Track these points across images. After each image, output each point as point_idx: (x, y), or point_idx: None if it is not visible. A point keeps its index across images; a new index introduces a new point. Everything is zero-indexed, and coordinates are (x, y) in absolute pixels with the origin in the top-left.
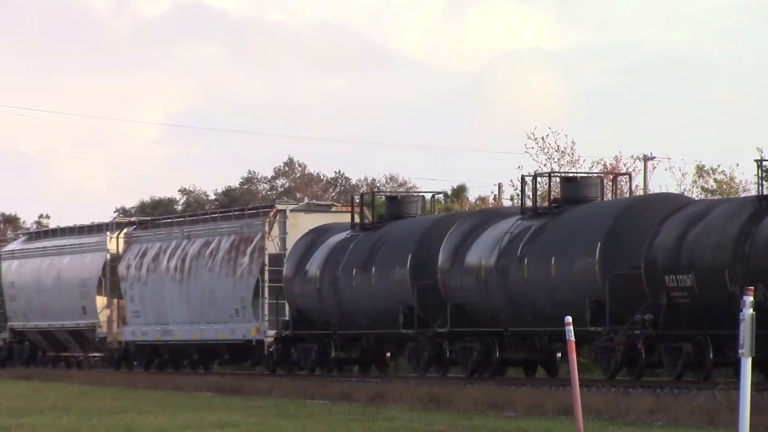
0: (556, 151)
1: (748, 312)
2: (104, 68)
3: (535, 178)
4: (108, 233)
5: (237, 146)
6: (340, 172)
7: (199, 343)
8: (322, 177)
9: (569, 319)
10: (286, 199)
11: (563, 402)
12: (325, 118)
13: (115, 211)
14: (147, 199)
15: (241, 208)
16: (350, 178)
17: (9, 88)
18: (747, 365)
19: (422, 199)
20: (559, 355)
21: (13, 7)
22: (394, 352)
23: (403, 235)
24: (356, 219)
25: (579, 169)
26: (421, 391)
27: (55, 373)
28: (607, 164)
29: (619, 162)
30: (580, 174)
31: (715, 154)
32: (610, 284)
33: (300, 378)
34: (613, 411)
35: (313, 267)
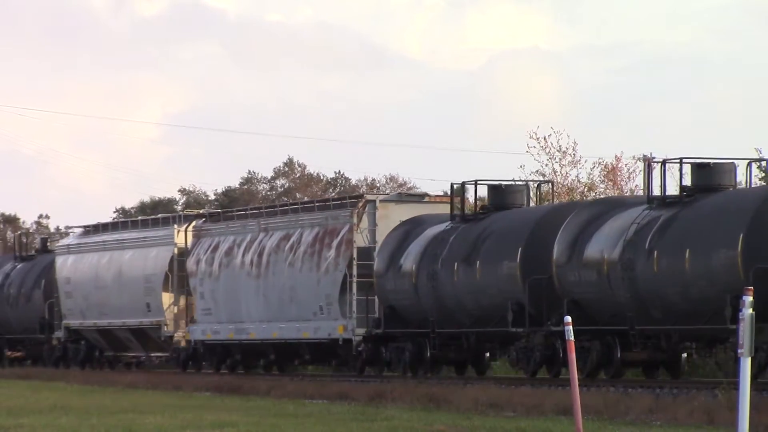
0: (558, 150)
1: (747, 312)
2: (103, 68)
3: (664, 165)
4: (175, 226)
5: (237, 146)
6: (339, 172)
7: (278, 342)
8: (322, 177)
9: (568, 319)
10: (373, 190)
11: (563, 402)
12: (325, 119)
13: (114, 212)
14: (147, 199)
15: (326, 199)
16: (350, 179)
17: (8, 88)
18: (746, 365)
19: (527, 188)
20: (685, 355)
21: (12, 7)
22: (494, 353)
23: (511, 226)
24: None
25: (580, 168)
26: (420, 391)
27: (56, 373)
28: (608, 164)
29: (619, 162)
30: (713, 160)
31: (715, 154)
32: (754, 278)
33: (299, 378)
34: (613, 411)
35: (408, 261)
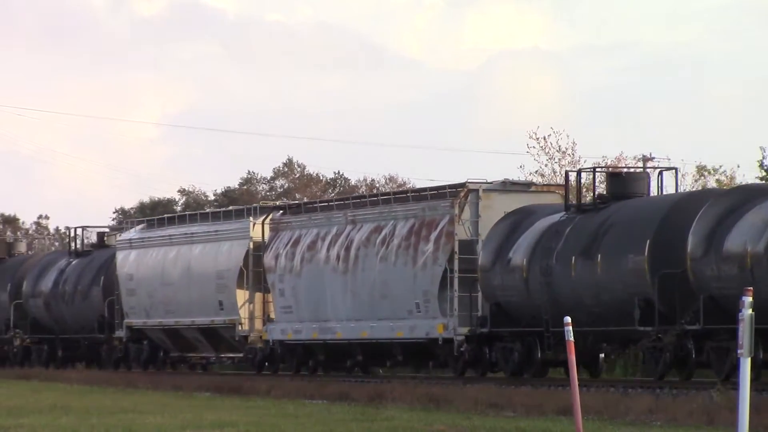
0: (557, 151)
1: (747, 312)
2: (102, 68)
3: None
4: (251, 219)
5: (236, 147)
6: (339, 172)
7: (367, 342)
8: (322, 177)
9: (568, 319)
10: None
11: (562, 402)
12: (325, 119)
13: (114, 212)
14: (146, 199)
15: (422, 189)
16: (349, 179)
17: (7, 89)
18: (746, 365)
19: (648, 176)
20: None
21: (11, 8)
22: (611, 353)
23: (636, 216)
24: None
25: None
26: (420, 391)
27: (55, 373)
28: (609, 164)
29: (619, 162)
30: None
31: (715, 154)
32: None
33: (299, 378)
34: (613, 411)
35: (517, 255)
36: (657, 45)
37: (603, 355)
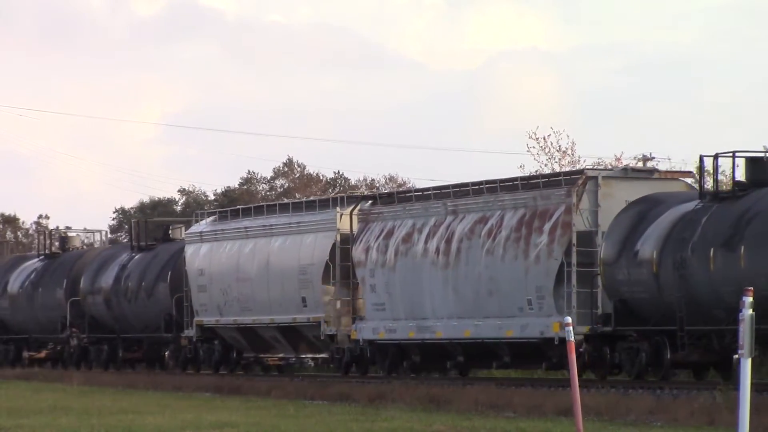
0: (557, 151)
1: (747, 312)
2: (102, 68)
3: None
4: (338, 209)
5: (236, 146)
6: (339, 172)
7: (471, 342)
8: (322, 177)
9: (569, 319)
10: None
11: (563, 402)
12: (325, 119)
13: (114, 212)
14: (146, 199)
15: (533, 176)
16: (349, 179)
17: (7, 89)
18: (747, 366)
19: None
20: None
21: (10, 8)
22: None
23: None
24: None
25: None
26: (420, 392)
27: (56, 373)
28: (609, 164)
29: (620, 162)
30: None
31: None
32: None
33: (299, 378)
34: (613, 412)
35: (646, 247)
36: (657, 45)
37: (736, 357)
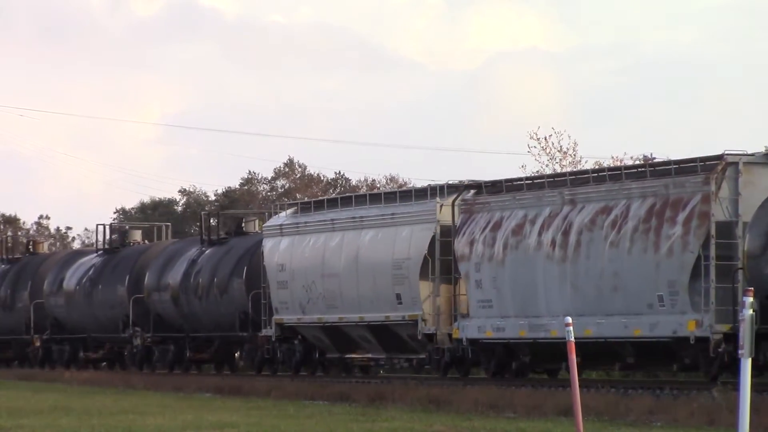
0: (558, 151)
1: (747, 313)
2: (102, 68)
3: None
4: (437, 199)
5: (237, 147)
6: (340, 172)
7: (591, 342)
8: (323, 178)
9: (569, 319)
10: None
11: (563, 403)
12: (325, 119)
13: (115, 212)
14: (147, 200)
15: (662, 162)
16: (350, 179)
17: (7, 89)
18: (747, 366)
19: None
20: None
21: (9, 8)
22: None
23: None
24: None
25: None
26: (420, 392)
27: (55, 374)
28: (609, 164)
29: (621, 162)
30: None
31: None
32: None
33: (300, 379)
34: (613, 412)
35: None
36: (656, 45)
37: None
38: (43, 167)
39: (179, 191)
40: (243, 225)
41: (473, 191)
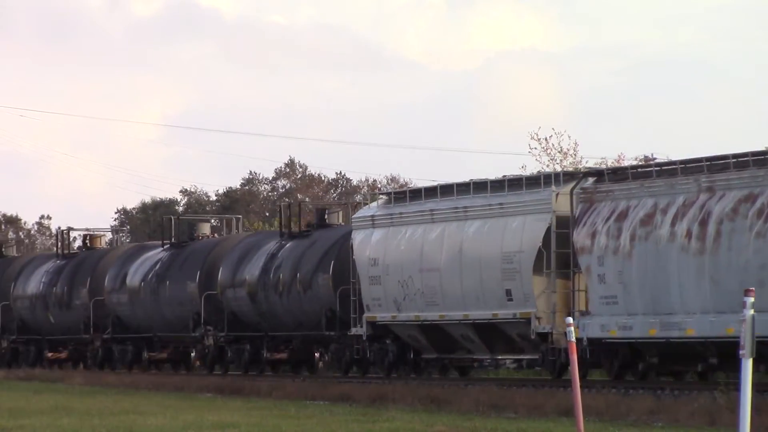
0: (559, 152)
1: (748, 313)
2: (103, 69)
3: None
4: (553, 188)
5: (238, 147)
6: (340, 173)
7: (732, 341)
8: (323, 178)
9: (570, 320)
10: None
11: (564, 403)
12: (326, 120)
13: (116, 212)
14: (148, 200)
15: None
16: (351, 179)
17: (8, 90)
18: (748, 366)
19: None
20: None
21: (10, 10)
22: None
23: None
24: None
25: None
26: (421, 392)
27: (56, 374)
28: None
29: (620, 162)
30: None
31: (715, 153)
32: None
33: (300, 379)
34: (614, 412)
35: None
36: (656, 45)
37: None
38: (43, 167)
39: (180, 191)
40: (326, 217)
41: (593, 179)
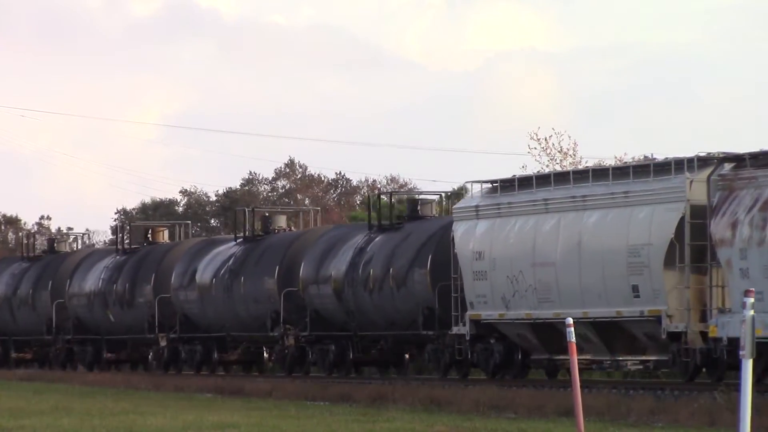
0: (559, 152)
1: (748, 313)
2: (103, 69)
3: None
4: (687, 174)
5: (238, 147)
6: (340, 173)
7: None
8: (323, 178)
9: (570, 320)
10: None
11: (564, 403)
12: (326, 120)
13: (116, 213)
14: (148, 200)
15: None
16: (351, 180)
17: (8, 90)
18: (748, 367)
19: None
20: None
21: (10, 10)
22: None
23: None
24: None
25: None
26: (421, 393)
27: (57, 374)
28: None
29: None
30: None
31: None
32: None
33: (300, 379)
34: (614, 412)
35: None
36: (656, 45)
37: None
38: (43, 167)
39: (180, 192)
40: (419, 208)
41: (733, 165)
